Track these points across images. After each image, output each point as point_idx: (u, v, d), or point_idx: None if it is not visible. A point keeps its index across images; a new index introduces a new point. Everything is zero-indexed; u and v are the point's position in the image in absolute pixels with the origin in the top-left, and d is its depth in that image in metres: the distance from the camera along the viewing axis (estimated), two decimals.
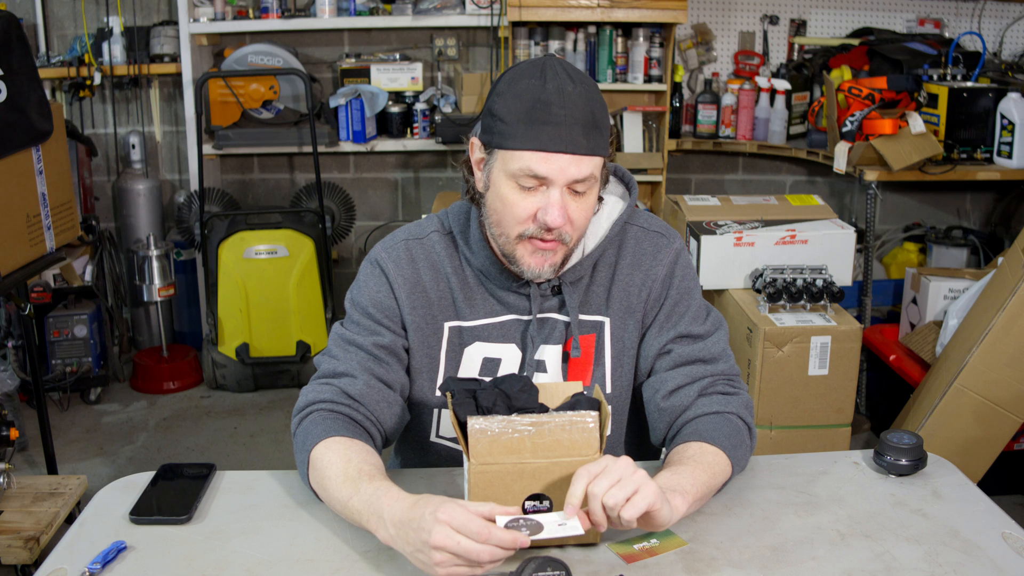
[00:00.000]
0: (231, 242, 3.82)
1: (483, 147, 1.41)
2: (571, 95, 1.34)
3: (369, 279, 1.51)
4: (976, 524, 1.34)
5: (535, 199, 1.37)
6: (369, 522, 1.23)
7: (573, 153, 1.34)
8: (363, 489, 1.25)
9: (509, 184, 1.37)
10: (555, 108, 1.33)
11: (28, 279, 2.86)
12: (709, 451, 1.38)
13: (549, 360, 1.52)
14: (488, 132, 1.39)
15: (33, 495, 2.50)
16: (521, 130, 1.34)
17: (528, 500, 1.24)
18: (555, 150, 1.33)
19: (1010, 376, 2.63)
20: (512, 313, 1.51)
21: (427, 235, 1.53)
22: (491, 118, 1.38)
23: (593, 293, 1.53)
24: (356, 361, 1.46)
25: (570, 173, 1.35)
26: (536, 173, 1.34)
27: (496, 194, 1.40)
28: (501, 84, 1.38)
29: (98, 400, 3.83)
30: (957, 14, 4.14)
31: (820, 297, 2.83)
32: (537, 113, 1.33)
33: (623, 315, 1.53)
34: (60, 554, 1.28)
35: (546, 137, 1.33)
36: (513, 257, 1.42)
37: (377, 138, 4.08)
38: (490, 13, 3.85)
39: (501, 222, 1.41)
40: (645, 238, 1.54)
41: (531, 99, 1.33)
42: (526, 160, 1.34)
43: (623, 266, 1.53)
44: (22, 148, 2.69)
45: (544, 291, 1.50)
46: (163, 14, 4.15)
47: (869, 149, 3.30)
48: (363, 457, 1.32)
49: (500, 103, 1.36)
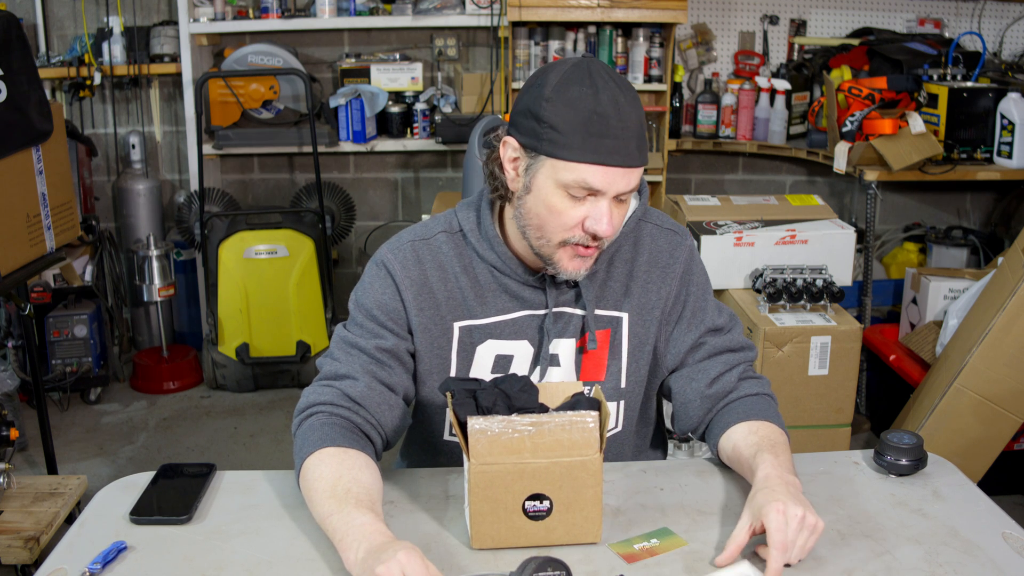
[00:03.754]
0: (231, 242, 3.82)
1: (523, 149, 1.39)
2: (625, 107, 1.34)
3: (375, 281, 1.50)
4: (976, 524, 1.34)
5: (583, 208, 1.37)
6: (342, 542, 1.22)
7: (629, 167, 1.35)
8: (347, 511, 1.24)
9: (558, 192, 1.37)
10: (612, 121, 1.33)
11: (28, 279, 2.86)
12: (777, 431, 1.47)
13: (563, 354, 1.52)
14: (534, 136, 1.37)
15: (33, 495, 2.50)
16: (578, 142, 1.33)
17: (528, 500, 1.25)
18: (614, 164, 1.34)
19: (1010, 376, 2.63)
20: (525, 309, 1.51)
21: (434, 236, 1.52)
22: (538, 123, 1.36)
23: (611, 289, 1.54)
24: (358, 364, 1.46)
25: (621, 185, 1.36)
26: (591, 186, 1.35)
27: (540, 200, 1.39)
28: (548, 89, 1.35)
29: (98, 400, 3.83)
30: (957, 14, 4.14)
31: (820, 297, 2.83)
32: (594, 126, 1.33)
33: (641, 311, 1.54)
34: (60, 554, 1.28)
35: (605, 151, 1.33)
36: (551, 259, 1.43)
37: (377, 138, 4.08)
38: (490, 13, 3.85)
39: (544, 227, 1.41)
40: (660, 236, 1.57)
41: (587, 110, 1.33)
42: (582, 172, 1.34)
43: (641, 263, 1.54)
44: (22, 148, 2.69)
45: (559, 284, 1.51)
46: (163, 14, 4.15)
47: (869, 149, 3.30)
48: (353, 476, 1.31)
49: (551, 110, 1.34)
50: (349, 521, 1.23)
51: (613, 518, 1.35)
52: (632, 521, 1.34)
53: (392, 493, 1.42)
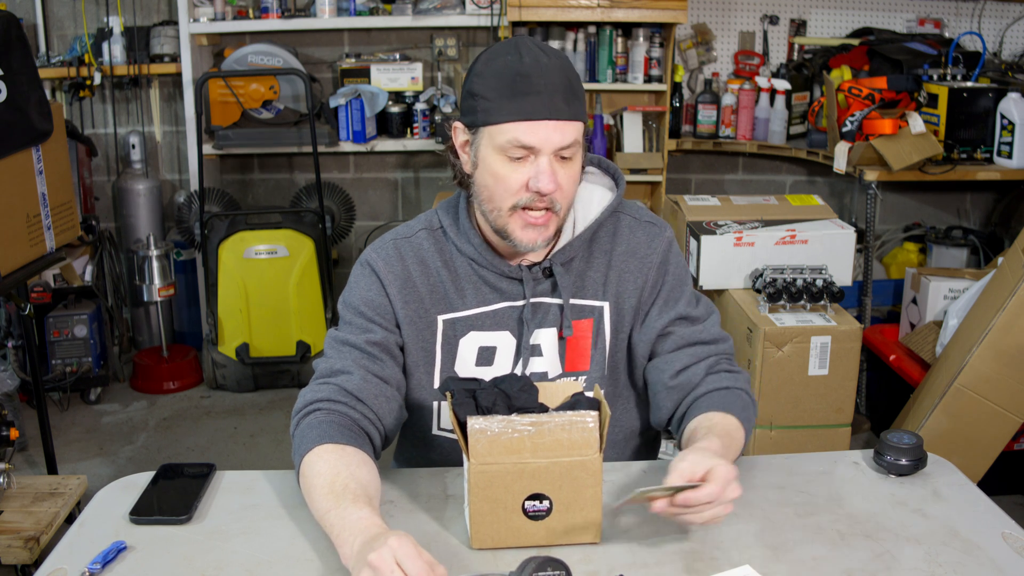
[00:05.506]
0: (231, 242, 3.82)
1: (466, 128, 1.45)
2: (548, 66, 1.39)
3: (360, 279, 1.54)
4: (976, 524, 1.34)
5: (525, 169, 1.41)
6: (339, 537, 1.22)
7: (557, 119, 1.38)
8: (343, 507, 1.25)
9: (498, 158, 1.41)
10: (535, 78, 1.38)
11: (28, 279, 2.86)
12: (733, 424, 1.45)
13: (545, 344, 1.54)
14: (470, 112, 1.43)
15: (33, 495, 2.50)
16: (504, 104, 1.38)
17: (528, 500, 1.25)
18: (540, 118, 1.38)
19: (1010, 376, 2.63)
20: (505, 300, 1.53)
21: (415, 233, 1.57)
22: (472, 98, 1.42)
23: (590, 278, 1.55)
24: (351, 359, 1.48)
25: (555, 140, 1.39)
26: (523, 143, 1.39)
27: (486, 170, 1.44)
28: (478, 65, 1.43)
29: (98, 400, 3.83)
30: (957, 14, 4.14)
31: (820, 297, 2.83)
32: (518, 85, 1.38)
33: (619, 300, 1.56)
34: (60, 554, 1.28)
35: (529, 107, 1.38)
36: (506, 231, 1.46)
37: (377, 138, 4.08)
38: (490, 13, 3.85)
39: (493, 196, 1.44)
40: (639, 227, 1.58)
41: (511, 73, 1.38)
42: (513, 131, 1.39)
43: (618, 253, 1.56)
44: (22, 148, 2.69)
45: (536, 275, 1.53)
46: (163, 14, 4.16)
47: (869, 149, 3.30)
48: (350, 472, 1.31)
49: (479, 82, 1.41)
50: (345, 516, 1.23)
51: (613, 518, 1.35)
52: (632, 521, 1.34)
53: (391, 493, 1.42)
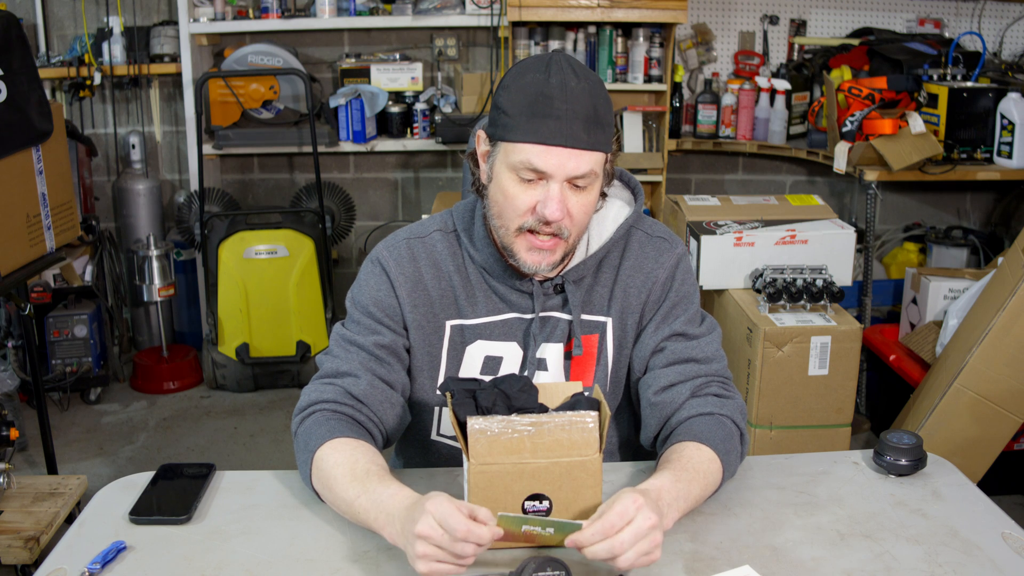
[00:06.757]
0: (231, 242, 3.82)
1: (488, 139, 1.42)
2: (574, 90, 1.34)
3: (370, 278, 1.52)
4: (976, 524, 1.34)
5: (535, 192, 1.38)
6: (377, 520, 1.23)
7: (573, 147, 1.34)
8: (372, 489, 1.25)
9: (510, 176, 1.38)
10: (557, 102, 1.33)
11: (28, 279, 2.86)
12: (706, 456, 1.36)
13: (551, 359, 1.52)
14: (493, 124, 1.41)
15: (33, 495, 2.50)
16: (522, 123, 1.35)
17: (528, 500, 1.24)
18: (554, 144, 1.34)
19: (1010, 376, 2.63)
20: (514, 311, 1.51)
21: (429, 234, 1.53)
22: (496, 111, 1.39)
23: (597, 294, 1.53)
24: (358, 361, 1.46)
25: (569, 168, 1.35)
26: (535, 166, 1.35)
27: (498, 186, 1.41)
28: (508, 77, 1.39)
29: (98, 400, 3.83)
30: (957, 14, 4.14)
31: (820, 297, 2.83)
32: (539, 106, 1.34)
33: (623, 315, 1.53)
34: (60, 554, 1.28)
35: (546, 131, 1.33)
36: (511, 251, 1.43)
37: (377, 138, 4.08)
38: (490, 13, 3.85)
39: (502, 214, 1.42)
40: (648, 243, 1.55)
41: (534, 93, 1.34)
42: (526, 153, 1.35)
43: (625, 268, 1.53)
44: (22, 148, 2.69)
45: (547, 289, 1.51)
46: (163, 14, 4.15)
47: (869, 149, 3.30)
48: (370, 458, 1.32)
49: (505, 96, 1.38)
50: (378, 498, 1.23)
51: None
52: None
53: None
